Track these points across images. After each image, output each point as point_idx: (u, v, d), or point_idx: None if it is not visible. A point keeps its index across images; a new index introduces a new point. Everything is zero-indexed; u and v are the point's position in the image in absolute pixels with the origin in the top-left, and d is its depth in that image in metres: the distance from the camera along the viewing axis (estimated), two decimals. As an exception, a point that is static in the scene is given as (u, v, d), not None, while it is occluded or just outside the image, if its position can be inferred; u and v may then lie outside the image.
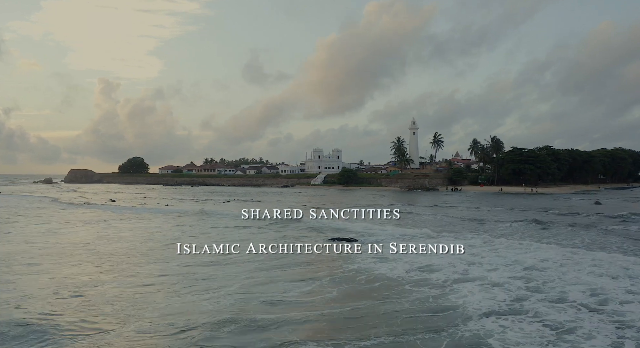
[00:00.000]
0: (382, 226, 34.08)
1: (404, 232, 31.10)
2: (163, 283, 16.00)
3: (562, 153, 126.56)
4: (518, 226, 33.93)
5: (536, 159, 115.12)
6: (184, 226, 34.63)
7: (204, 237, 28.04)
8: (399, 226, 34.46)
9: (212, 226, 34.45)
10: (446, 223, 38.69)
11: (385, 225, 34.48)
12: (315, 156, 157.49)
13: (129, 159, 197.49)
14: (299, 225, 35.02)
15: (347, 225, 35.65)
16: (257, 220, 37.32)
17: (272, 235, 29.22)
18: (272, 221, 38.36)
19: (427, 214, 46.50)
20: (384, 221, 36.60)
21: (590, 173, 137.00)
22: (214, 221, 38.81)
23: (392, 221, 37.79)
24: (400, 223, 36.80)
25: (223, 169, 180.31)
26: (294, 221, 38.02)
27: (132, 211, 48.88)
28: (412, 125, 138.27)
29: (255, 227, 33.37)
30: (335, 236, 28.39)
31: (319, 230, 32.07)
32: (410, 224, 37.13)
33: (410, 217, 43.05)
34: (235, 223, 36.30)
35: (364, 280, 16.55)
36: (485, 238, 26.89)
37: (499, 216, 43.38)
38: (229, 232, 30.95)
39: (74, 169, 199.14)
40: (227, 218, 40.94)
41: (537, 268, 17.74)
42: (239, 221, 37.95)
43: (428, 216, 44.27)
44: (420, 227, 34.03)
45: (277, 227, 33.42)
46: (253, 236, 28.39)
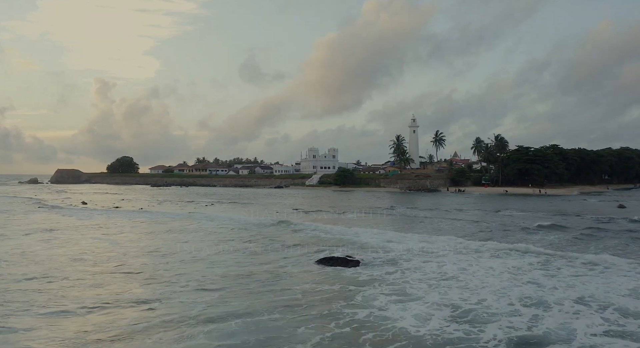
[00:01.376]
0: (393, 234, 27.64)
1: (424, 242, 24.63)
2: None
3: (570, 152, 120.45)
4: (564, 236, 27.49)
5: (543, 159, 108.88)
6: (130, 235, 28.05)
7: (145, 255, 21.42)
8: (413, 233, 28.16)
9: (171, 232, 27.92)
10: (474, 230, 32.14)
11: (393, 231, 28.26)
12: (310, 156, 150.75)
13: (118, 158, 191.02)
14: (283, 234, 28.54)
15: (346, 233, 29.18)
16: (231, 230, 31.01)
17: (242, 250, 22.57)
18: (249, 227, 32.18)
19: (441, 219, 40.06)
20: (391, 228, 30.99)
21: (597, 174, 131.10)
22: (179, 226, 32.30)
23: (402, 227, 31.58)
24: (413, 229, 30.08)
25: (215, 169, 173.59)
26: (278, 228, 31.83)
27: (96, 215, 42.79)
28: (412, 123, 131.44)
29: (226, 239, 26.73)
30: (331, 250, 21.82)
31: (310, 241, 25.46)
32: (426, 230, 30.75)
33: (422, 222, 36.58)
34: (205, 230, 29.88)
35: (375, 343, 10.05)
36: (542, 253, 20.50)
37: (527, 221, 36.87)
38: (184, 244, 24.31)
39: (60, 169, 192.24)
40: (198, 224, 34.51)
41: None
42: (209, 227, 31.72)
43: (445, 222, 37.76)
44: (443, 233, 27.55)
45: (252, 235, 27.03)
46: (217, 256, 21.64)
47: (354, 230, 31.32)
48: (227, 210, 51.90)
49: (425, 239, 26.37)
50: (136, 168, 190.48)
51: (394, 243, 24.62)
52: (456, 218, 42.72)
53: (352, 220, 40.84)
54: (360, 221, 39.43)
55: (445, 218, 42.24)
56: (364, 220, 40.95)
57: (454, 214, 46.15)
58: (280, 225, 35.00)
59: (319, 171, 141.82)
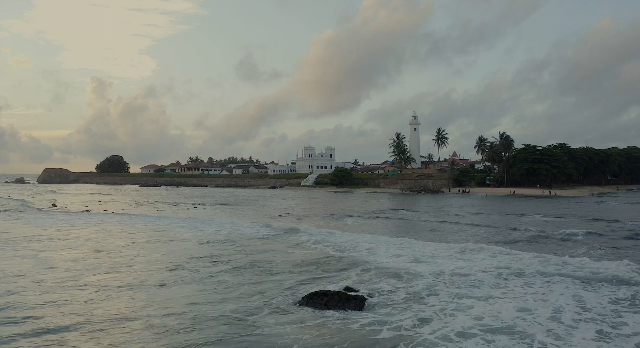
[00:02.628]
0: (404, 246, 21.73)
1: (451, 258, 18.61)
2: None
3: (579, 151, 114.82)
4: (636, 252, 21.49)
5: (552, 158, 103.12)
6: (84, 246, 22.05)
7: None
8: (433, 242, 21.29)
9: (127, 247, 21.93)
10: (503, 238, 25.74)
11: (403, 241, 22.26)
12: (306, 155, 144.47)
13: (107, 157, 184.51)
14: (268, 249, 22.52)
15: (347, 245, 23.29)
16: (202, 245, 24.90)
17: (204, 277, 16.56)
18: (227, 239, 26.09)
19: (455, 225, 34.09)
20: (401, 236, 23.56)
21: (605, 174, 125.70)
22: (144, 237, 26.25)
23: (415, 236, 25.66)
24: (427, 238, 23.13)
25: (207, 169, 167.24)
26: (263, 240, 25.69)
27: (56, 221, 37.01)
28: (412, 120, 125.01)
29: (191, 257, 20.66)
30: (328, 276, 15.89)
31: (300, 260, 19.47)
32: (443, 239, 23.46)
33: (438, 231, 30.48)
34: (171, 242, 23.89)
35: None
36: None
37: (560, 229, 30.88)
38: (130, 268, 18.31)
39: (48, 169, 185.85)
40: (167, 233, 28.46)
41: None
42: (180, 236, 25.70)
43: (463, 229, 31.71)
44: (467, 246, 21.56)
45: (227, 250, 21.14)
46: (162, 290, 15.60)
47: (355, 239, 25.40)
48: (211, 214, 45.93)
49: (451, 252, 20.43)
50: (126, 168, 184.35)
51: (407, 258, 18.70)
52: (473, 223, 36.87)
53: (352, 227, 34.94)
54: (361, 228, 33.52)
55: (460, 224, 36.38)
56: (365, 227, 35.05)
57: (468, 219, 40.29)
58: (267, 234, 29.07)
59: (315, 171, 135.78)
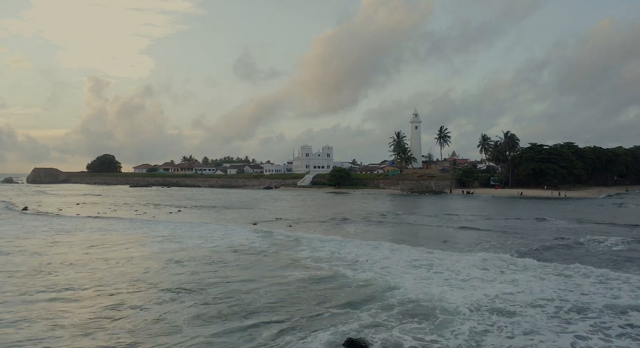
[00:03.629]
0: (425, 252, 16.97)
1: (499, 282, 13.90)
2: None
3: (587, 151, 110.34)
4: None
5: (559, 158, 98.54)
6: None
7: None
8: (464, 252, 16.42)
9: (77, 263, 17.01)
10: (533, 247, 19.86)
11: (422, 253, 17.49)
12: (303, 154, 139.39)
13: (99, 157, 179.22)
14: (251, 273, 17.64)
15: (353, 255, 18.58)
16: (164, 264, 19.87)
17: (146, 322, 11.70)
18: (200, 256, 21.02)
19: (472, 232, 29.27)
20: (414, 246, 18.62)
21: (612, 174, 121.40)
22: (98, 252, 21.33)
23: (430, 245, 19.49)
24: (445, 247, 18.18)
25: (201, 169, 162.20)
26: (248, 257, 20.18)
27: (15, 226, 31.99)
28: (414, 118, 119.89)
29: (144, 287, 15.76)
30: (332, 317, 11.11)
31: (294, 295, 14.60)
32: (466, 249, 18.42)
33: (456, 242, 25.61)
34: (127, 258, 19.00)
35: None
36: None
37: (605, 235, 26.14)
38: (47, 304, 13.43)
39: (37, 168, 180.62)
40: (127, 247, 23.54)
41: None
42: (140, 252, 20.73)
43: (482, 238, 26.86)
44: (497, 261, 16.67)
45: (198, 272, 16.31)
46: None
47: (365, 253, 20.61)
48: (195, 219, 41.02)
49: (487, 268, 15.63)
50: (118, 167, 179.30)
51: (436, 280, 13.92)
52: (492, 229, 32.14)
53: (356, 234, 30.14)
54: (366, 236, 28.73)
55: (477, 230, 31.62)
56: (370, 234, 30.25)
57: (484, 224, 35.55)
58: (257, 247, 24.25)
59: (312, 171, 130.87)
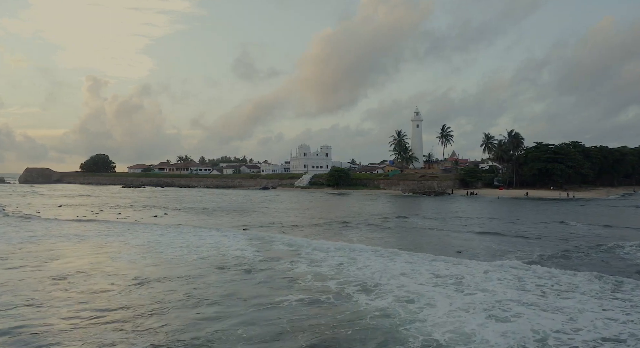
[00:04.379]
0: (451, 264, 13.39)
1: (552, 311, 10.78)
2: None
3: (593, 150, 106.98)
4: None
5: (566, 158, 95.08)
6: None
7: None
8: (499, 270, 12.71)
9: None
10: (577, 261, 16.32)
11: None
12: (301, 154, 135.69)
13: (92, 156, 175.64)
14: (223, 307, 13.84)
15: (362, 272, 15.06)
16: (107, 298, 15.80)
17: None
18: (166, 276, 16.15)
19: (492, 237, 25.57)
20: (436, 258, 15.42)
21: (618, 174, 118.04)
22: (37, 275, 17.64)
23: (451, 250, 15.27)
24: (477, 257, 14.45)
25: (197, 168, 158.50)
26: (229, 283, 15.74)
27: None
28: (415, 116, 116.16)
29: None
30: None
31: (273, 333, 10.94)
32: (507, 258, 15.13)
33: (475, 247, 21.86)
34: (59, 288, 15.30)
35: None
36: None
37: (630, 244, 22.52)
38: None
39: (30, 168, 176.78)
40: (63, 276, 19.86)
41: None
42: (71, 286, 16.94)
43: (514, 243, 23.14)
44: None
45: (152, 307, 12.29)
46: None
47: (379, 269, 16.93)
48: (182, 222, 37.31)
49: (530, 289, 11.99)
50: (112, 167, 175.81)
51: (476, 312, 10.30)
52: (509, 234, 28.50)
53: (359, 243, 26.46)
54: (371, 243, 25.06)
55: (496, 235, 27.97)
56: (376, 241, 26.59)
57: (496, 227, 31.89)
58: (245, 263, 20.60)
59: (310, 171, 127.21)
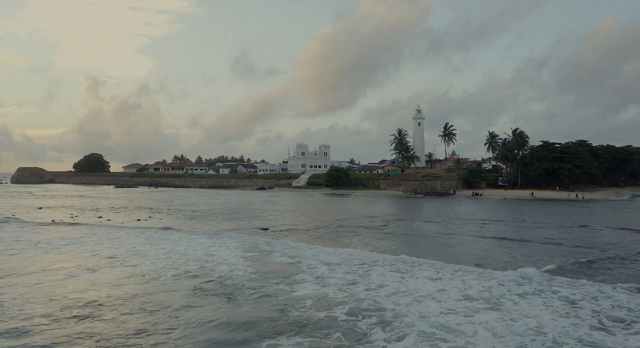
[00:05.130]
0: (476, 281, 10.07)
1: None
2: None
3: (600, 150, 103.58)
4: None
5: (573, 157, 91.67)
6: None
7: None
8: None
9: None
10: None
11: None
12: (299, 153, 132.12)
13: (86, 156, 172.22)
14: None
15: (376, 294, 11.47)
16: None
17: None
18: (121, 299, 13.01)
19: (523, 243, 22.02)
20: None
21: (626, 174, 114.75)
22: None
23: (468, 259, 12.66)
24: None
25: (192, 168, 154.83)
26: (207, 310, 11.94)
27: None
28: (416, 114, 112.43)
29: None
30: None
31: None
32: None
33: (497, 256, 18.18)
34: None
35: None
36: None
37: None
38: None
39: (22, 168, 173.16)
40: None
41: None
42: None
43: (538, 249, 19.57)
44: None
45: None
46: None
47: (394, 289, 13.40)
48: (167, 226, 33.74)
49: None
50: (106, 167, 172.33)
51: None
52: (532, 240, 24.93)
53: (366, 251, 22.88)
54: (377, 250, 21.50)
55: (511, 241, 24.42)
56: (382, 249, 23.00)
57: (514, 233, 28.37)
58: (232, 283, 17.12)
59: (308, 171, 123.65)
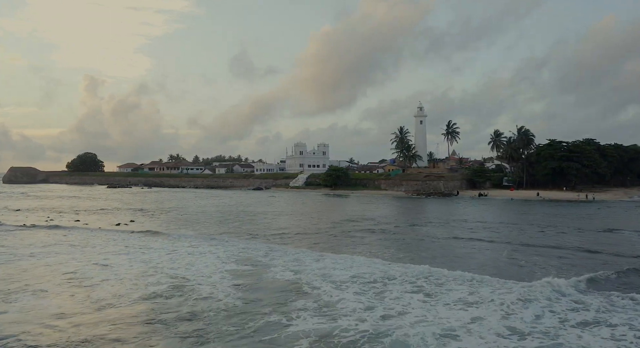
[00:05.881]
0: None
1: None
2: None
3: (608, 148, 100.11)
4: None
5: (582, 156, 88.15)
6: None
7: None
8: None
9: None
10: None
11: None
12: (297, 152, 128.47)
13: (79, 155, 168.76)
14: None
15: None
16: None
17: None
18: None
19: (562, 251, 18.50)
20: None
21: (634, 174, 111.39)
22: None
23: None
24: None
25: (187, 168, 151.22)
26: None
27: None
28: (418, 112, 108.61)
29: None
30: None
31: None
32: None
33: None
34: None
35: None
36: None
37: None
38: None
39: (14, 167, 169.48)
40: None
41: None
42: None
43: (578, 261, 16.00)
44: None
45: None
46: None
47: (423, 319, 9.82)
48: (149, 230, 30.07)
49: None
50: (101, 166, 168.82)
51: None
52: (567, 247, 21.33)
53: (380, 262, 19.22)
54: (388, 260, 17.86)
55: (542, 248, 20.81)
56: (394, 259, 19.33)
57: (543, 238, 24.73)
58: (204, 310, 13.50)
59: (306, 170, 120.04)
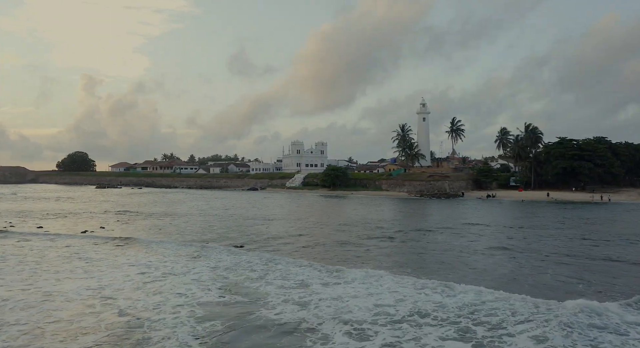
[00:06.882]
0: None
1: None
2: None
3: (621, 147, 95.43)
4: None
5: (594, 155, 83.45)
6: None
7: None
8: None
9: None
10: None
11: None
12: (294, 151, 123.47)
13: (70, 154, 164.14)
14: None
15: None
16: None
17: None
18: None
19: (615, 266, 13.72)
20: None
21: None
22: None
23: None
24: None
25: (181, 167, 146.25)
26: None
27: None
28: (421, 108, 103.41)
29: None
30: None
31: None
32: None
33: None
34: None
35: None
36: None
37: None
38: None
39: (2, 167, 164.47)
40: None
41: None
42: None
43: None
44: None
45: None
46: None
47: None
48: (121, 237, 25.16)
49: None
50: (92, 166, 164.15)
51: None
52: (619, 258, 16.53)
53: (399, 285, 14.47)
54: (401, 278, 13.06)
55: (598, 261, 16.00)
56: (414, 280, 14.55)
57: (583, 248, 19.92)
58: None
59: (304, 170, 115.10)
